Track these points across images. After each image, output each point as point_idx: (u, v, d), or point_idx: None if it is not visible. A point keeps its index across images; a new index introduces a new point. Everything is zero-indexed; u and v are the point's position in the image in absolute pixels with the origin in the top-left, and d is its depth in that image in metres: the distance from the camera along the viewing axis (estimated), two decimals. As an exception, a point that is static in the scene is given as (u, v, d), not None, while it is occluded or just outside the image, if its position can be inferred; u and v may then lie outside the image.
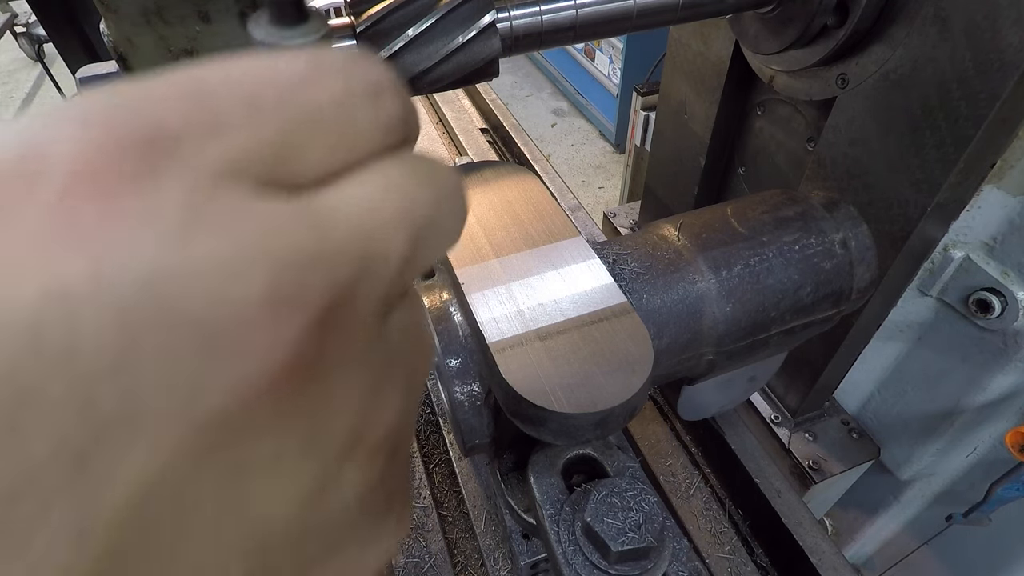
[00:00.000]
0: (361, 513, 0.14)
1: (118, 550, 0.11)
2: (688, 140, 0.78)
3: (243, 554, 0.12)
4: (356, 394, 0.13)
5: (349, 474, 0.13)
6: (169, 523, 0.11)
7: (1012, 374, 0.63)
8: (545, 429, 0.37)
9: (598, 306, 0.41)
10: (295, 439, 0.12)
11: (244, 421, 0.11)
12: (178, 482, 0.11)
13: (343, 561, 0.15)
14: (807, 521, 0.62)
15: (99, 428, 0.10)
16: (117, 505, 0.10)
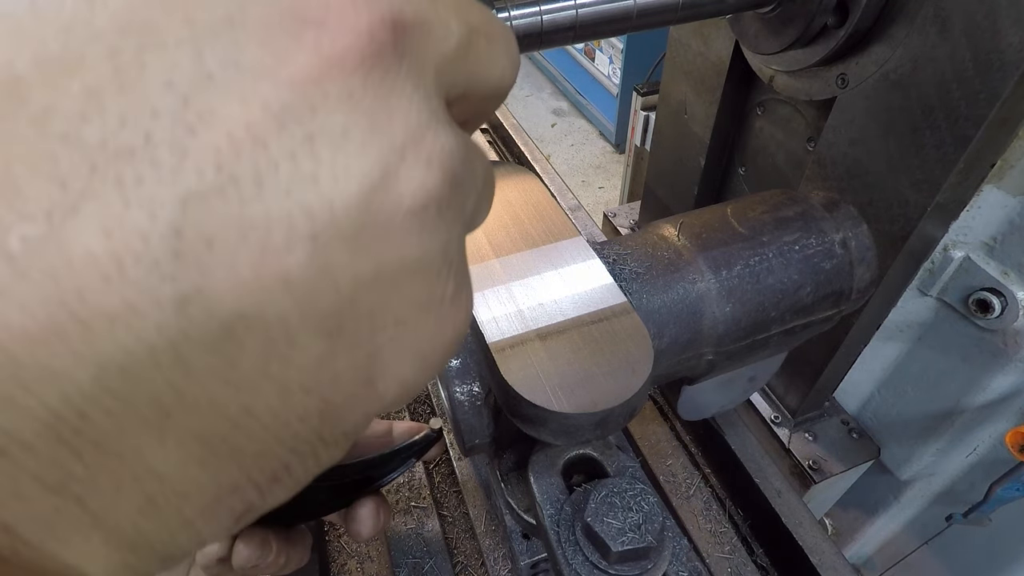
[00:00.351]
0: (420, 230, 0.14)
1: (196, 192, 0.11)
2: (688, 140, 0.78)
3: (309, 237, 0.13)
4: (415, 109, 0.14)
5: (406, 173, 0.14)
6: (249, 186, 0.12)
7: (1012, 374, 0.63)
8: (545, 429, 0.37)
9: (598, 306, 0.41)
10: (362, 120, 0.13)
11: (320, 90, 0.13)
12: (261, 136, 0.12)
13: (404, 301, 0.15)
14: (807, 521, 0.62)
15: (205, 75, 0.12)
16: (204, 151, 0.11)
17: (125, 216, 0.11)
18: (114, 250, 0.11)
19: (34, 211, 0.11)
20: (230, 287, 0.12)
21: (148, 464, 0.12)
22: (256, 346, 0.12)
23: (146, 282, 0.11)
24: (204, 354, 0.12)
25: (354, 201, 0.13)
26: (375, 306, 0.14)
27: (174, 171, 0.11)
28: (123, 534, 0.12)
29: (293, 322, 0.13)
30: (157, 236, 0.11)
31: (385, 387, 0.15)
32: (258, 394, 0.13)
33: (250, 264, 0.12)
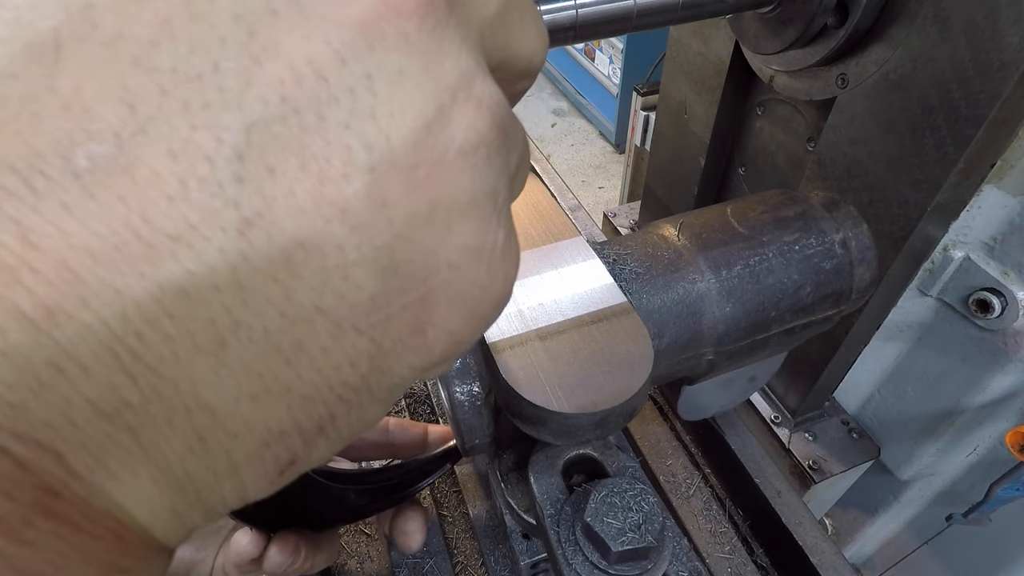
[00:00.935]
0: (470, 170, 0.15)
1: (260, 119, 0.12)
2: (688, 140, 0.78)
3: (367, 169, 0.13)
4: (464, 57, 0.15)
5: (458, 113, 0.14)
6: (311, 117, 0.12)
7: (1012, 374, 0.63)
8: (545, 429, 0.37)
9: (598, 306, 0.41)
10: (416, 60, 0.13)
11: (378, 31, 0.13)
12: (322, 71, 0.12)
13: (454, 244, 0.15)
14: (807, 521, 0.62)
15: (270, 11, 0.12)
16: (269, 81, 0.12)
17: (191, 139, 0.11)
18: (179, 172, 0.11)
19: (102, 130, 0.11)
20: (290, 213, 0.12)
21: (201, 396, 0.12)
22: (312, 277, 0.12)
23: (209, 204, 0.11)
24: (262, 280, 0.12)
25: (409, 136, 0.13)
26: (429, 246, 0.14)
27: (239, 98, 0.12)
28: (171, 473, 0.12)
29: (349, 254, 0.13)
30: (221, 160, 0.11)
31: (435, 337, 0.15)
32: (311, 329, 0.13)
33: (309, 192, 0.12)
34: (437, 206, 0.14)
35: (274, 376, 0.13)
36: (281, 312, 0.12)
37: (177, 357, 0.11)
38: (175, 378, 0.12)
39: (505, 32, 0.17)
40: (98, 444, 0.11)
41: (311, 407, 0.14)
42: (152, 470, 0.12)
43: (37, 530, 0.11)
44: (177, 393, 0.12)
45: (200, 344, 0.12)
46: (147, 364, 0.11)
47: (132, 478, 0.12)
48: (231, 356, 0.12)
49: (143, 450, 0.12)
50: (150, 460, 0.12)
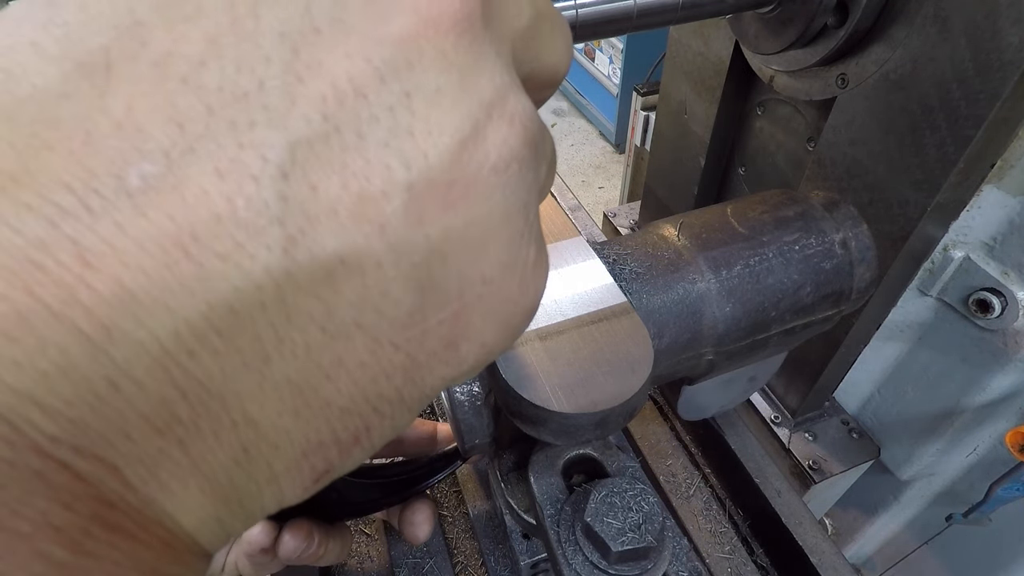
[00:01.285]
0: (503, 187, 0.15)
1: (303, 138, 0.12)
2: (688, 140, 0.78)
3: (405, 186, 0.13)
4: (499, 72, 0.15)
5: (492, 130, 0.15)
6: (351, 135, 0.13)
7: (1012, 374, 0.63)
8: (545, 429, 0.37)
9: (598, 306, 0.41)
10: (453, 78, 0.14)
11: (417, 48, 0.13)
12: (363, 89, 0.13)
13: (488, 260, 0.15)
14: (807, 521, 0.62)
15: (313, 29, 0.12)
16: (311, 99, 0.12)
17: (238, 158, 0.11)
18: (226, 191, 0.11)
19: (153, 149, 0.11)
20: (331, 231, 0.12)
21: (246, 410, 0.12)
22: (352, 293, 0.13)
23: (255, 223, 0.12)
24: (305, 297, 0.12)
25: (446, 154, 0.14)
26: (464, 261, 0.15)
27: (284, 117, 0.12)
28: (217, 483, 0.13)
29: (388, 271, 0.13)
30: (267, 178, 0.12)
31: (468, 350, 0.16)
32: (351, 345, 0.13)
33: (350, 210, 0.13)
34: (472, 222, 0.14)
35: (315, 390, 0.13)
36: (323, 328, 0.13)
37: (225, 373, 0.12)
38: (223, 393, 0.12)
39: (536, 44, 0.17)
40: (152, 457, 0.12)
41: (348, 419, 0.14)
42: (200, 481, 0.13)
43: (95, 540, 0.11)
44: (224, 408, 0.12)
45: (247, 360, 0.12)
46: (197, 380, 0.12)
47: (182, 489, 0.12)
48: (275, 371, 0.13)
49: (192, 463, 0.12)
50: (199, 472, 0.12)
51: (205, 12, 0.12)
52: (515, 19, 0.16)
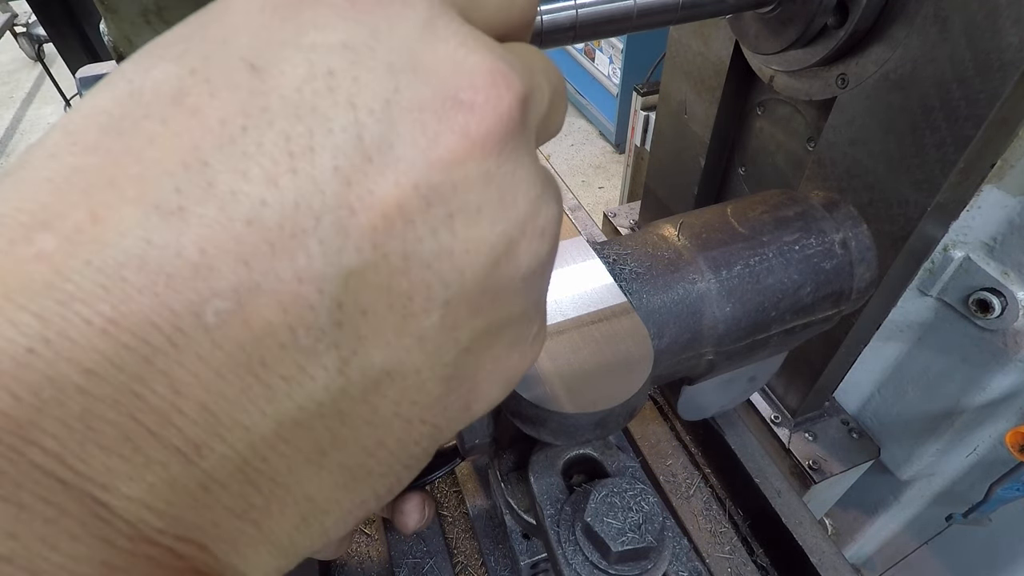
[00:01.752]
0: (526, 290, 0.17)
1: (356, 269, 0.13)
2: (688, 140, 0.78)
3: (443, 303, 0.15)
4: (534, 179, 0.16)
5: (525, 246, 0.16)
6: (398, 260, 0.14)
7: (1012, 374, 0.63)
8: (545, 429, 0.37)
9: (598, 306, 0.41)
10: (493, 197, 0.15)
11: (463, 171, 0.14)
12: (410, 215, 0.14)
13: (501, 344, 0.18)
14: (807, 521, 0.62)
15: (365, 158, 0.13)
16: (363, 231, 0.13)
17: (298, 292, 0.13)
18: (289, 322, 0.13)
19: (224, 289, 0.12)
20: (378, 348, 0.14)
21: (305, 491, 0.15)
22: (394, 394, 0.15)
23: (314, 349, 0.13)
24: (356, 405, 0.15)
25: (481, 271, 0.15)
26: (482, 352, 0.17)
27: (339, 251, 0.13)
28: (281, 546, 0.16)
29: (423, 373, 0.15)
30: (324, 310, 0.13)
31: (477, 408, 0.18)
32: (390, 429, 0.16)
33: (394, 328, 0.14)
34: (494, 322, 0.17)
35: (361, 467, 0.16)
36: (369, 423, 0.15)
37: (289, 468, 0.14)
38: (288, 483, 0.15)
39: (549, 123, 0.18)
40: (233, 536, 0.14)
41: (386, 480, 0.17)
42: (268, 547, 0.15)
43: None
44: (289, 493, 0.15)
45: (308, 457, 0.15)
46: (268, 476, 0.14)
47: (255, 555, 0.15)
48: (329, 461, 0.15)
49: (263, 535, 0.15)
50: (267, 541, 0.15)
51: (264, 149, 0.13)
52: (539, 105, 0.17)
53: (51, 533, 0.12)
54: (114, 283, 0.12)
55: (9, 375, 0.11)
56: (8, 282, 0.11)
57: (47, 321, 0.11)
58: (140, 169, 0.12)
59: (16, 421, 0.11)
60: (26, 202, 0.12)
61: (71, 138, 0.13)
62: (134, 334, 0.12)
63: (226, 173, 0.12)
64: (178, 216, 0.12)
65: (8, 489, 0.11)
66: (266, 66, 0.13)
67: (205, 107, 0.13)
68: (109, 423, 0.12)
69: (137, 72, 0.13)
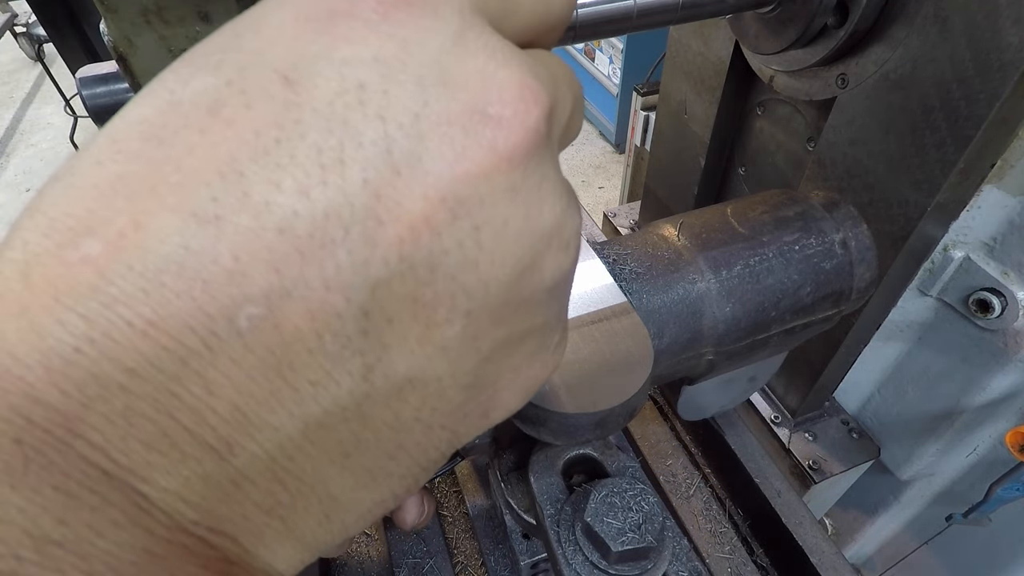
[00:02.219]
0: (549, 301, 0.17)
1: (383, 279, 0.14)
2: (688, 140, 0.78)
3: (465, 314, 0.15)
4: (560, 192, 0.16)
5: (549, 259, 0.16)
6: (423, 271, 0.14)
7: (1012, 374, 0.63)
8: (545, 429, 0.37)
9: (598, 306, 0.41)
10: (520, 211, 0.15)
11: (490, 184, 0.14)
12: (436, 227, 0.14)
13: (522, 353, 0.18)
14: (807, 521, 0.62)
15: (394, 171, 0.13)
16: (390, 242, 0.13)
17: (326, 300, 0.13)
18: (317, 329, 0.13)
19: (256, 295, 0.13)
20: (402, 356, 0.15)
21: (329, 491, 0.16)
22: (415, 400, 0.16)
23: (340, 355, 0.14)
24: (379, 409, 0.15)
25: (505, 283, 0.15)
26: (503, 361, 0.17)
27: (366, 261, 0.13)
28: (304, 540, 0.16)
29: (445, 380, 0.16)
30: (350, 317, 0.14)
31: (496, 416, 0.19)
32: (410, 434, 0.16)
33: (418, 337, 0.15)
34: (515, 332, 0.17)
35: (381, 469, 0.17)
36: (390, 427, 0.16)
37: (315, 468, 0.15)
38: (313, 482, 0.15)
39: (571, 130, 0.19)
40: (261, 530, 0.15)
41: (405, 481, 0.18)
42: (293, 541, 0.16)
43: None
44: (313, 491, 0.16)
45: (332, 458, 0.15)
46: (294, 475, 0.15)
47: (281, 548, 0.16)
48: (352, 462, 0.16)
49: (288, 530, 0.16)
50: (292, 535, 0.16)
51: (296, 161, 0.13)
52: (563, 115, 0.17)
53: (97, 520, 0.13)
54: (154, 287, 0.12)
55: (59, 372, 0.12)
56: (57, 284, 0.12)
57: (92, 322, 0.12)
58: (180, 178, 0.13)
59: (65, 415, 0.12)
60: (74, 207, 0.13)
61: (116, 146, 0.13)
62: (172, 336, 0.12)
63: (260, 184, 0.13)
64: (215, 224, 0.13)
65: (58, 478, 0.12)
66: (300, 79, 0.13)
67: (241, 119, 0.13)
68: (148, 420, 0.13)
69: (177, 82, 0.14)
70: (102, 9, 0.36)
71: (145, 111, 0.14)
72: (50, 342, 0.12)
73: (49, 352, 0.12)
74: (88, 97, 0.49)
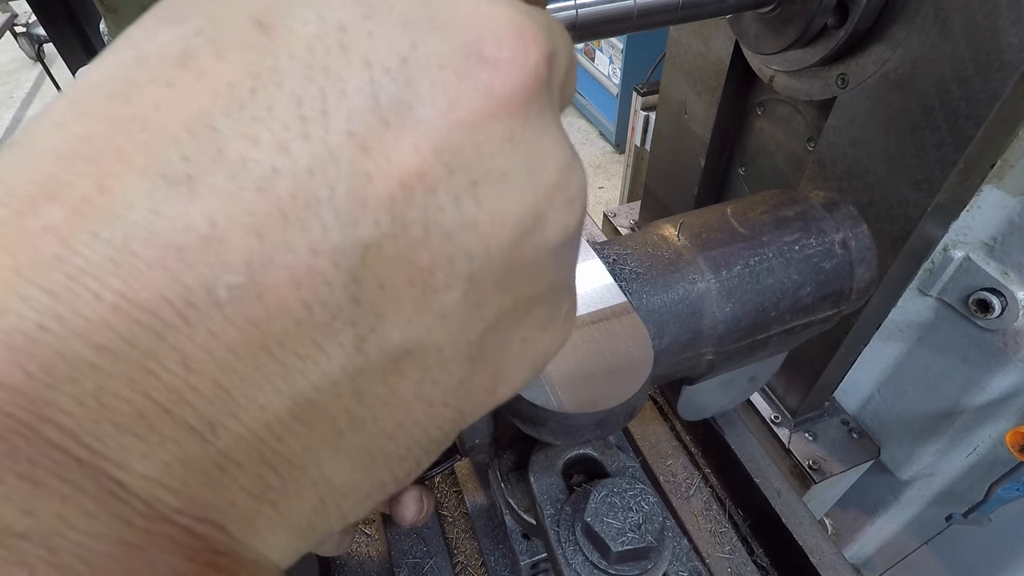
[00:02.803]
0: (555, 263, 0.16)
1: (373, 242, 0.13)
2: (688, 140, 0.78)
3: (466, 277, 0.14)
4: (563, 143, 0.15)
5: (554, 216, 0.15)
6: (418, 231, 0.13)
7: (1012, 374, 0.63)
8: (545, 429, 0.37)
9: (598, 306, 0.41)
10: (521, 163, 0.14)
11: (487, 133, 0.13)
12: (431, 182, 0.13)
13: (529, 323, 0.17)
14: (807, 521, 0.62)
15: (381, 121, 0.12)
16: (381, 200, 0.12)
17: (313, 265, 0.12)
18: (303, 298, 0.12)
19: (236, 262, 0.12)
20: (397, 325, 0.14)
21: (323, 474, 0.15)
22: (414, 374, 0.15)
23: (330, 326, 0.13)
24: (374, 384, 0.14)
25: (507, 244, 0.14)
26: (509, 331, 0.16)
27: (355, 222, 0.12)
28: (299, 527, 0.15)
29: (446, 352, 0.15)
30: (340, 284, 0.12)
31: (503, 392, 0.18)
32: (410, 411, 0.15)
33: (414, 303, 0.14)
34: (522, 299, 0.16)
35: (379, 449, 0.15)
36: (387, 403, 0.15)
37: (306, 449, 0.14)
38: (305, 464, 0.14)
39: (568, 90, 0.18)
40: (250, 516, 0.14)
41: (405, 463, 0.17)
42: (286, 528, 0.15)
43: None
44: (306, 474, 0.14)
45: (324, 438, 0.14)
46: (284, 457, 0.14)
47: (272, 536, 0.15)
48: (347, 442, 0.15)
49: (280, 516, 0.15)
50: (285, 522, 0.15)
51: (274, 114, 0.12)
52: (561, 67, 0.16)
53: (67, 511, 0.12)
54: (123, 256, 0.11)
55: (22, 352, 0.11)
56: (17, 256, 0.11)
57: (57, 296, 0.11)
58: (147, 137, 0.12)
59: (30, 398, 0.11)
60: (33, 172, 0.12)
61: (77, 107, 0.12)
62: (145, 309, 0.11)
63: (235, 139, 0.12)
64: (186, 186, 0.12)
65: (24, 466, 0.11)
66: (275, 23, 0.12)
67: (211, 69, 0.12)
68: (123, 400, 0.12)
69: (143, 36, 0.13)
70: (102, 9, 0.36)
71: (109, 68, 0.13)
72: (12, 319, 0.11)
73: (11, 330, 0.11)
74: (88, 97, 0.49)
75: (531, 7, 0.15)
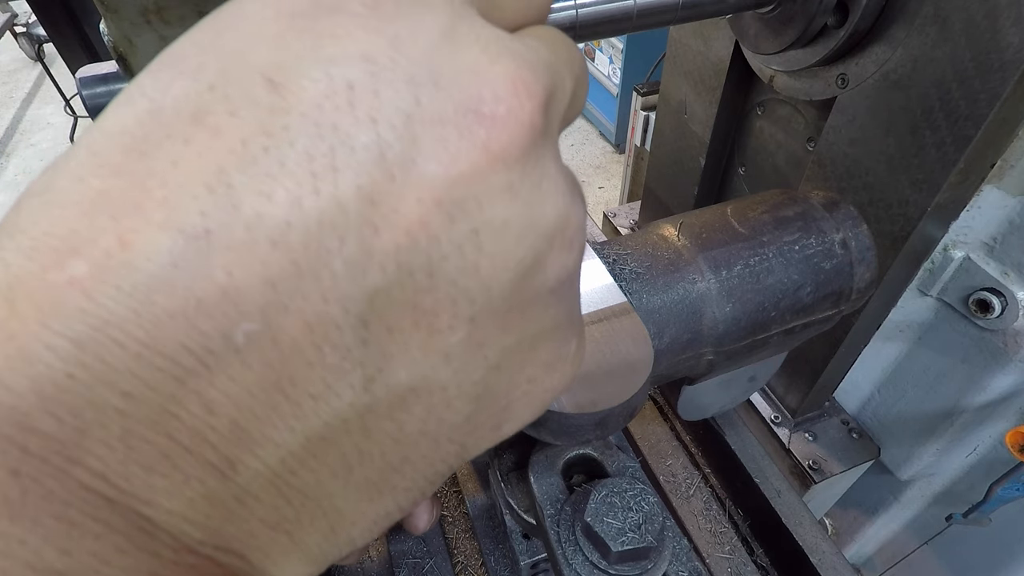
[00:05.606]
0: (556, 302, 0.17)
1: (381, 288, 0.13)
2: (688, 140, 0.78)
3: (469, 319, 0.15)
4: (561, 187, 0.16)
5: (553, 258, 0.16)
6: (422, 277, 0.14)
7: (1012, 374, 0.63)
8: (545, 429, 0.37)
9: (598, 306, 0.41)
10: (520, 210, 0.15)
11: (486, 185, 0.14)
12: (434, 232, 0.13)
13: (536, 363, 0.18)
14: (807, 521, 0.62)
15: (388, 176, 0.13)
16: (387, 250, 0.13)
17: (324, 312, 0.13)
18: (315, 341, 0.13)
19: (252, 311, 0.12)
20: (404, 366, 0.14)
21: (334, 504, 0.16)
22: (420, 411, 0.15)
23: (340, 367, 0.14)
24: (382, 421, 0.15)
25: (508, 286, 0.15)
26: (514, 370, 0.17)
27: (363, 270, 0.13)
28: (311, 554, 0.16)
29: (451, 391, 0.16)
30: (349, 328, 0.13)
31: (508, 429, 0.18)
32: (416, 447, 0.16)
33: (420, 345, 0.14)
34: (525, 336, 0.16)
35: (386, 482, 0.16)
36: (394, 439, 0.16)
37: (318, 482, 0.15)
38: (317, 496, 0.15)
39: (573, 111, 0.18)
40: (267, 545, 0.15)
41: (410, 494, 0.17)
42: (299, 555, 0.16)
43: None
44: (318, 506, 0.16)
45: (335, 471, 0.15)
46: (298, 489, 0.15)
47: (287, 562, 0.16)
48: (356, 476, 0.16)
49: (294, 544, 0.16)
50: (298, 549, 0.16)
51: (287, 170, 0.12)
52: (562, 101, 0.17)
53: (101, 548, 0.12)
54: (145, 307, 0.12)
55: (52, 399, 0.12)
56: (43, 308, 0.12)
57: (83, 346, 0.12)
58: (165, 192, 0.12)
59: (62, 443, 0.12)
60: (56, 227, 0.12)
61: (96, 159, 0.13)
62: (167, 357, 0.12)
63: (250, 195, 0.12)
64: (205, 239, 0.12)
65: (59, 508, 0.12)
66: (285, 81, 0.13)
67: (226, 126, 0.13)
68: (148, 442, 0.12)
69: (156, 88, 0.13)
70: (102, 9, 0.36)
71: (125, 120, 0.13)
72: (40, 368, 0.12)
73: (40, 378, 0.12)
74: (88, 97, 0.49)
75: (531, 46, 0.16)
